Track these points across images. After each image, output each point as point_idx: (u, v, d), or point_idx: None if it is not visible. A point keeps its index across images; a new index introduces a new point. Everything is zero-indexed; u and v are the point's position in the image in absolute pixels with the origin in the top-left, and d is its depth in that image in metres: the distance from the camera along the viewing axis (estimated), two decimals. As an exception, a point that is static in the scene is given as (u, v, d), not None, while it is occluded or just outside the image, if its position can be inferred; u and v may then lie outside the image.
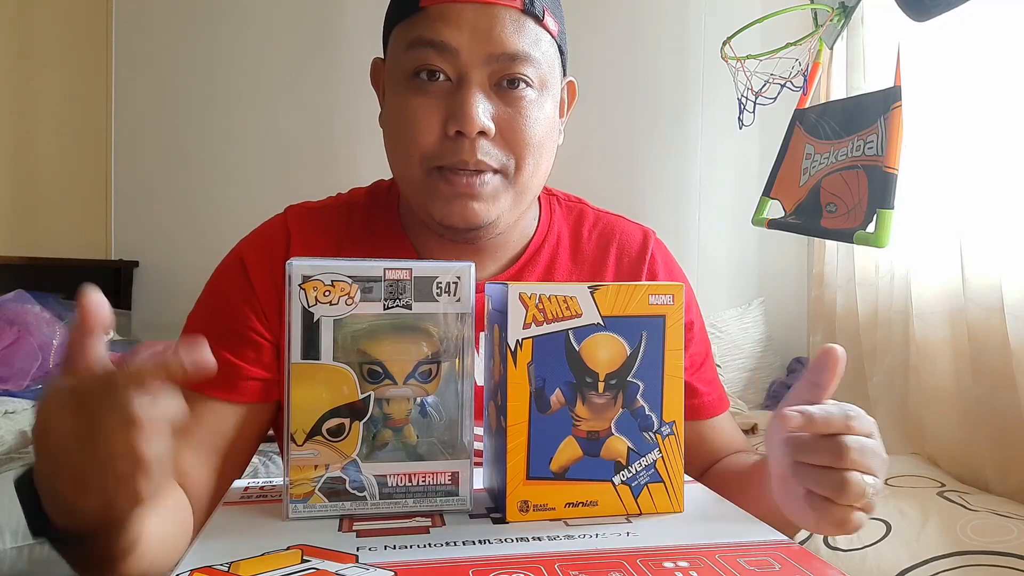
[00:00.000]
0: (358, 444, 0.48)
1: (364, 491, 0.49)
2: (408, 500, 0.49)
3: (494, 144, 0.70)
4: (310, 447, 0.47)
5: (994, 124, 1.37)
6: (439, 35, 0.68)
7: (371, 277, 0.47)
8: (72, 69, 2.72)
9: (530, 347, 0.51)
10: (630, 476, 0.54)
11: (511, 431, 0.52)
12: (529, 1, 0.69)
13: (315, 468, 0.48)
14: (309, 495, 0.48)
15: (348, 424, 0.48)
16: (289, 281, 0.47)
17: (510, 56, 0.69)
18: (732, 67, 1.94)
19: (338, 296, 0.47)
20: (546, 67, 0.72)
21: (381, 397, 0.49)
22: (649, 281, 0.81)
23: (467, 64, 0.68)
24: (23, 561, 1.24)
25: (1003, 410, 1.31)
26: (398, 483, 0.49)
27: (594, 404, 0.53)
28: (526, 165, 0.71)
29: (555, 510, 0.53)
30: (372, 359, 0.47)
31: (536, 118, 0.71)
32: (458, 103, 0.68)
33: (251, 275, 0.75)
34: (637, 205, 2.56)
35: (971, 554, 1.06)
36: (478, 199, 0.70)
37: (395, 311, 0.47)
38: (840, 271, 1.93)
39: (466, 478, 0.50)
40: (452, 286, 0.48)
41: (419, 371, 0.49)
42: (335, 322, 0.47)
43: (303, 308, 0.47)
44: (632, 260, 0.83)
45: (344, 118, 2.73)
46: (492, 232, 0.75)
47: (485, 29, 0.68)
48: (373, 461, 0.49)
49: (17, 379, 1.93)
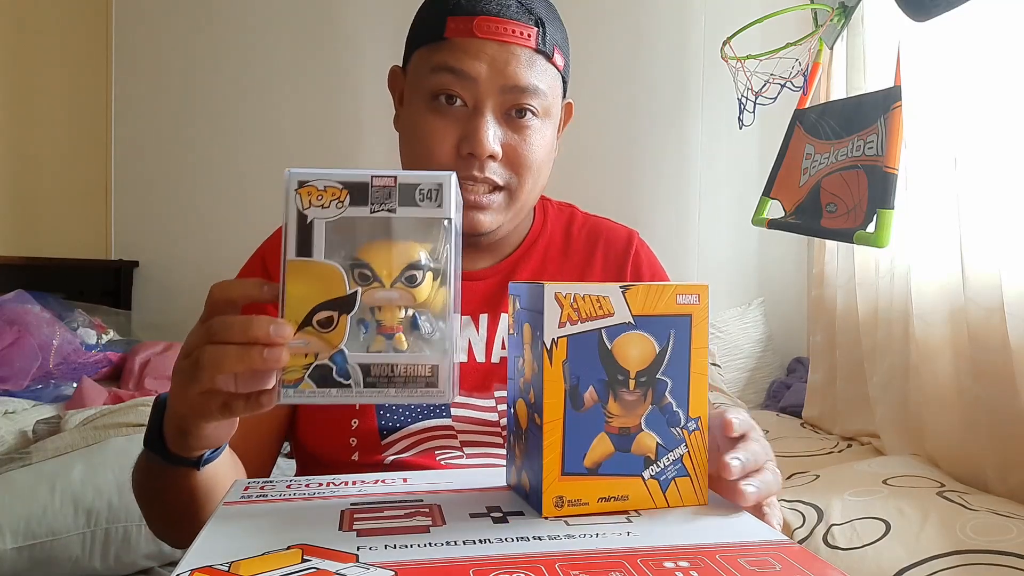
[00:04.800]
0: (345, 335, 0.51)
1: (350, 379, 0.51)
2: (390, 389, 0.51)
3: (500, 165, 0.80)
4: (301, 337, 0.51)
5: (994, 124, 1.37)
6: (461, 64, 0.77)
7: (360, 183, 0.51)
8: (72, 69, 2.72)
9: (565, 345, 0.53)
10: (659, 471, 0.55)
11: (547, 428, 0.53)
12: (541, 41, 0.79)
13: (305, 356, 0.51)
14: (299, 381, 0.51)
15: (336, 317, 0.51)
16: (286, 186, 0.51)
17: (521, 89, 0.78)
18: (732, 67, 1.94)
19: (329, 200, 0.51)
20: (551, 98, 0.82)
21: (372, 304, 0.51)
22: (636, 281, 0.85)
23: (483, 93, 0.78)
24: (23, 561, 1.24)
25: (1003, 410, 1.31)
26: (381, 373, 0.51)
27: (625, 401, 0.54)
28: (526, 183, 0.82)
29: (588, 505, 0.54)
30: (361, 262, 0.51)
31: (538, 144, 0.81)
32: (473, 128, 0.78)
33: (272, 274, 0.83)
34: (637, 205, 2.56)
35: (971, 553, 1.06)
36: (483, 211, 0.80)
37: (381, 214, 0.51)
38: (840, 271, 1.93)
39: (446, 372, 0.52)
40: (433, 192, 0.51)
41: (406, 275, 0.51)
42: (331, 227, 0.51)
43: (298, 211, 0.51)
44: (617, 257, 0.92)
45: (344, 118, 2.73)
46: (492, 238, 0.85)
47: (502, 63, 0.77)
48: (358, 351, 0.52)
49: (17, 379, 1.93)
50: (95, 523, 1.29)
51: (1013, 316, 1.27)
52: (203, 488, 0.65)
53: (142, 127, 2.81)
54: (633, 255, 0.92)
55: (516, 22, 0.78)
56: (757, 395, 2.46)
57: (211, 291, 0.55)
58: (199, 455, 0.62)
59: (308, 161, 2.72)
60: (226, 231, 2.64)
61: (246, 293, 0.54)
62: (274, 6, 2.77)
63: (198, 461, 0.63)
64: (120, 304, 2.71)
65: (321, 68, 2.75)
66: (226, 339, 0.51)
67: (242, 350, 0.50)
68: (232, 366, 0.51)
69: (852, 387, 1.83)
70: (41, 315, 2.07)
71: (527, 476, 0.56)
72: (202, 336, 0.52)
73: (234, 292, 0.54)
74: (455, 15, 0.78)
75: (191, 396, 0.54)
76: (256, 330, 0.50)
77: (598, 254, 0.92)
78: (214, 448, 0.63)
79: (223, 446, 0.64)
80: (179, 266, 2.74)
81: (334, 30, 2.74)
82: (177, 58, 2.80)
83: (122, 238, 2.83)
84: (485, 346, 0.86)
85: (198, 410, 0.55)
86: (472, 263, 0.89)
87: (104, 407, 1.69)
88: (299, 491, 0.60)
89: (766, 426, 1.91)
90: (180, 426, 0.59)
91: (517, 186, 0.81)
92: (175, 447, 0.61)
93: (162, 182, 2.81)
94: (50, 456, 1.37)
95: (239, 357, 0.50)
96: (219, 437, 0.61)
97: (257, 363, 0.49)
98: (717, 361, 2.40)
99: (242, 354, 0.50)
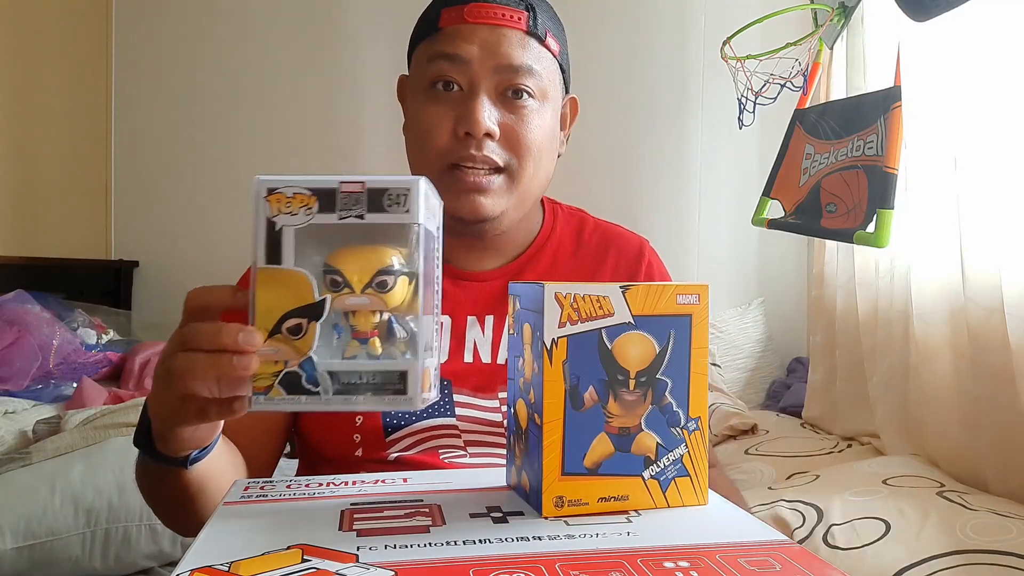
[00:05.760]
0: (314, 342, 0.51)
1: (319, 386, 0.51)
2: (359, 396, 0.51)
3: (499, 145, 0.80)
4: (271, 344, 0.50)
5: (994, 124, 1.37)
6: (454, 48, 0.79)
7: (328, 189, 0.51)
8: (72, 69, 2.72)
9: (565, 346, 0.53)
10: (659, 471, 0.55)
11: (547, 428, 0.53)
12: (533, 24, 0.81)
13: (275, 364, 0.51)
14: (269, 388, 0.51)
15: (306, 324, 0.51)
16: (255, 194, 0.51)
17: (514, 68, 0.80)
18: (732, 67, 1.94)
19: (298, 207, 0.51)
20: (547, 80, 0.83)
21: (343, 309, 0.51)
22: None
23: (477, 74, 0.79)
24: (23, 561, 1.24)
25: (1003, 410, 1.31)
26: (349, 380, 0.51)
27: (625, 401, 0.55)
28: (527, 165, 0.82)
29: (588, 505, 0.54)
30: (332, 268, 0.51)
31: (537, 124, 0.82)
32: (468, 109, 0.79)
33: None
34: (637, 205, 2.56)
35: (970, 553, 1.06)
36: (485, 194, 0.81)
37: (349, 221, 0.51)
38: (840, 271, 1.93)
39: (415, 379, 0.51)
40: (402, 197, 0.51)
41: (376, 281, 0.51)
42: (300, 235, 0.51)
43: (267, 218, 0.51)
44: (629, 265, 0.92)
45: (345, 118, 2.73)
46: (497, 228, 0.85)
47: (493, 44, 0.79)
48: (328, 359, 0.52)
49: (17, 379, 1.93)
50: (95, 523, 1.29)
51: (1013, 316, 1.27)
52: (195, 485, 0.66)
53: (142, 127, 2.81)
54: (646, 264, 0.93)
55: (506, 7, 0.80)
56: (757, 395, 2.45)
57: (187, 298, 0.55)
58: (186, 455, 0.63)
59: (308, 161, 2.73)
60: (226, 231, 2.64)
61: (220, 300, 0.55)
62: (274, 6, 2.77)
63: (186, 460, 0.63)
64: (120, 304, 2.71)
65: (321, 68, 2.75)
66: (197, 347, 0.51)
67: (212, 358, 0.50)
68: (202, 374, 0.51)
69: (852, 387, 1.83)
70: (41, 315, 2.07)
71: (527, 476, 0.56)
72: (176, 343, 0.53)
73: (208, 299, 0.55)
74: (448, 6, 0.81)
75: (168, 401, 0.55)
76: (225, 338, 0.50)
77: (609, 260, 0.92)
78: (199, 448, 0.63)
79: (211, 445, 0.65)
80: (179, 266, 2.74)
81: (334, 30, 2.74)
82: (177, 58, 2.80)
83: (122, 238, 2.83)
84: (491, 347, 0.86)
85: (175, 415, 0.56)
86: (479, 263, 0.89)
87: (104, 407, 1.69)
88: (299, 491, 0.60)
89: (766, 426, 1.91)
90: (160, 429, 0.60)
91: (518, 168, 0.82)
92: (162, 448, 0.62)
93: (162, 182, 2.81)
94: (50, 456, 1.37)
95: (209, 364, 0.50)
96: (200, 439, 0.62)
97: (227, 370, 0.50)
98: (717, 361, 2.40)
99: (212, 361, 0.50)
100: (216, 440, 0.65)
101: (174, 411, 0.56)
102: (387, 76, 0.90)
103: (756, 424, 1.91)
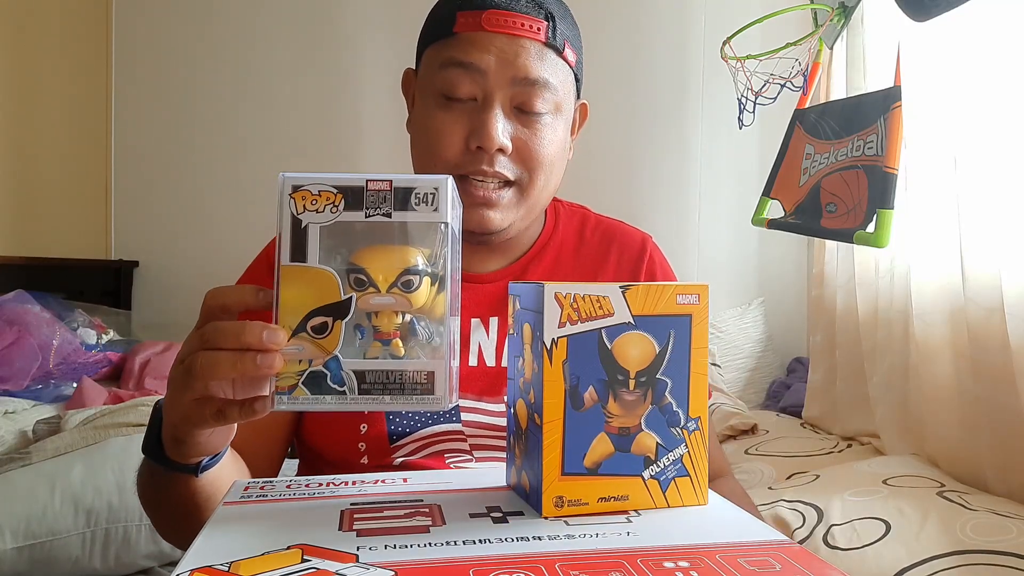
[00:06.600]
0: (340, 341, 0.50)
1: (344, 386, 0.50)
2: (385, 397, 0.51)
3: (510, 160, 0.78)
4: (295, 343, 0.50)
5: (994, 124, 1.37)
6: (469, 57, 0.76)
7: (355, 187, 0.50)
8: (72, 69, 2.72)
9: (565, 345, 0.53)
10: (659, 471, 0.55)
11: (546, 428, 0.53)
12: (551, 35, 0.78)
13: (299, 363, 0.50)
14: (293, 387, 0.50)
15: (331, 322, 0.50)
16: (280, 191, 0.50)
17: (531, 82, 0.77)
18: (732, 67, 1.94)
19: (324, 204, 0.50)
20: (562, 93, 0.80)
21: (367, 309, 0.50)
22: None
23: (492, 86, 0.77)
24: (23, 561, 1.24)
25: (1003, 410, 1.30)
26: (376, 380, 0.50)
27: (625, 401, 0.55)
28: (538, 179, 0.80)
29: (588, 505, 0.54)
30: (357, 267, 0.50)
31: (550, 139, 0.80)
32: (481, 122, 0.76)
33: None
34: (637, 205, 2.56)
35: (970, 553, 1.06)
36: (494, 208, 0.79)
37: (376, 219, 0.50)
38: (840, 271, 1.93)
39: (442, 378, 0.51)
40: (429, 196, 0.50)
41: (402, 281, 0.50)
42: (326, 232, 0.50)
43: (292, 215, 0.50)
44: (631, 261, 0.90)
45: (344, 118, 2.73)
46: (502, 237, 0.83)
47: (511, 55, 0.76)
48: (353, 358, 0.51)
49: (17, 379, 1.93)
50: (95, 523, 1.29)
51: (1013, 316, 1.27)
52: (203, 494, 0.65)
53: (142, 127, 2.81)
54: (648, 260, 0.91)
55: (526, 16, 0.77)
56: (757, 395, 2.45)
57: (206, 297, 0.54)
58: (197, 462, 0.62)
59: (308, 161, 2.72)
60: (226, 231, 2.64)
61: (241, 299, 0.54)
62: (274, 7, 2.77)
63: (196, 467, 0.62)
64: (120, 304, 2.71)
65: (321, 68, 2.75)
66: (219, 345, 0.51)
67: (235, 356, 0.49)
68: (225, 372, 0.50)
69: (852, 387, 1.83)
70: (41, 315, 2.07)
71: (527, 476, 0.56)
72: (196, 343, 0.52)
73: (228, 298, 0.54)
74: (464, 10, 0.77)
75: (185, 403, 0.54)
76: (249, 336, 0.49)
77: (612, 257, 0.91)
78: (212, 455, 0.62)
79: (222, 452, 0.64)
80: (179, 266, 2.74)
81: (334, 30, 2.74)
82: (177, 59, 2.80)
83: (122, 238, 2.83)
84: (495, 350, 0.85)
85: (192, 417, 0.55)
86: (482, 265, 0.88)
87: (104, 407, 1.69)
88: (299, 491, 0.60)
89: (766, 426, 1.91)
90: (175, 434, 0.58)
91: (528, 182, 0.80)
92: (173, 454, 0.61)
93: (162, 182, 2.81)
94: (50, 456, 1.37)
95: (232, 363, 0.50)
96: (215, 444, 0.61)
97: (250, 369, 0.49)
98: (717, 361, 2.40)
99: (235, 360, 0.49)
100: (227, 448, 0.64)
101: (192, 413, 0.54)
102: (387, 76, 0.90)
103: (756, 424, 1.91)
